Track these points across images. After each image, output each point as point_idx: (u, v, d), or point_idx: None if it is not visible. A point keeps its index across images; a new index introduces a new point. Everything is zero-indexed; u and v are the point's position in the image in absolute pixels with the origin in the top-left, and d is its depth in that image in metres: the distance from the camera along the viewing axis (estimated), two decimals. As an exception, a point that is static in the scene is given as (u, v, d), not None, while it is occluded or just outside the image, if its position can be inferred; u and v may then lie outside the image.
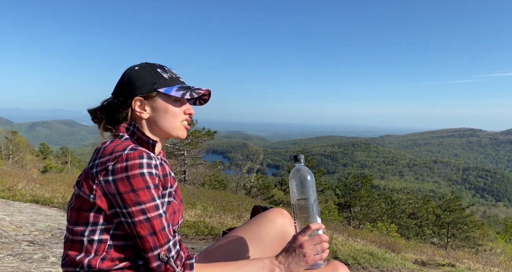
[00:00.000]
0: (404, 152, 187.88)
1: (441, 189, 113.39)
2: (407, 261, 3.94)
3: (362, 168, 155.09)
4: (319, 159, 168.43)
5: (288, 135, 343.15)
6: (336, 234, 4.51)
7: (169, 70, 1.06)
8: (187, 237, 4.07)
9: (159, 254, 0.87)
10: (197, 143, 22.45)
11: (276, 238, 1.17)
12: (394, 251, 4.43)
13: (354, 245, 4.00)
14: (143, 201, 0.85)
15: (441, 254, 5.14)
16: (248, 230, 1.19)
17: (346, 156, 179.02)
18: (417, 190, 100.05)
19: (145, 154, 0.89)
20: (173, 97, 1.02)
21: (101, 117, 1.06)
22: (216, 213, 5.01)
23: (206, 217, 4.63)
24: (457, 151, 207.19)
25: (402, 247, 5.58)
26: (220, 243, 1.18)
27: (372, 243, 4.61)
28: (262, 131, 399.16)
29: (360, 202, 20.69)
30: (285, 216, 1.23)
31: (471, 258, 4.95)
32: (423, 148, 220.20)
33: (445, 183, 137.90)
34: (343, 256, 3.40)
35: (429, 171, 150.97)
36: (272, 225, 1.19)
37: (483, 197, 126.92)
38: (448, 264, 4.20)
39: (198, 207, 5.42)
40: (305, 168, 1.11)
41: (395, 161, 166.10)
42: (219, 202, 6.77)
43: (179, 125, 1.04)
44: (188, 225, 4.31)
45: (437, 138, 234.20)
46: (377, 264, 3.32)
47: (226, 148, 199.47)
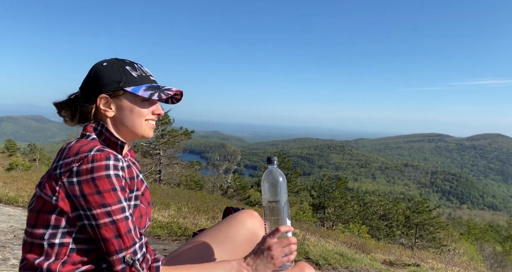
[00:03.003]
0: (377, 155, 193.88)
1: (410, 191, 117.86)
2: (375, 261, 4.07)
3: (337, 170, 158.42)
4: (296, 161, 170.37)
5: (266, 136, 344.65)
6: (309, 235, 4.58)
7: (139, 67, 1.04)
8: (160, 238, 3.99)
9: (124, 257, 0.85)
10: (174, 142, 22.08)
11: (246, 240, 1.18)
12: (363, 251, 4.56)
13: (326, 245, 4.08)
14: (108, 203, 0.83)
15: (408, 254, 5.35)
16: (218, 232, 1.20)
17: (322, 158, 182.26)
18: (388, 193, 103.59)
19: (112, 155, 0.87)
20: (141, 96, 0.99)
21: (67, 111, 1.02)
22: (190, 213, 4.96)
23: (179, 218, 4.57)
24: (426, 155, 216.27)
25: (372, 247, 5.76)
26: (189, 245, 1.18)
27: (343, 244, 4.72)
28: (241, 132, 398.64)
29: (334, 203, 21.12)
30: (256, 218, 1.24)
31: (435, 258, 5.19)
32: (394, 151, 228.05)
33: (415, 186, 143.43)
34: (315, 256, 3.46)
35: (400, 174, 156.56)
36: (242, 227, 1.20)
37: (449, 200, 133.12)
38: (413, 264, 4.38)
39: (172, 208, 5.34)
40: (277, 170, 1.12)
41: (368, 164, 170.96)
42: (193, 202, 6.69)
43: (144, 124, 1.02)
44: (161, 226, 4.23)
45: (408, 143, 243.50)
46: (346, 264, 3.41)
47: (204, 148, 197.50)
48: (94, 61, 1.04)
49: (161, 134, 19.98)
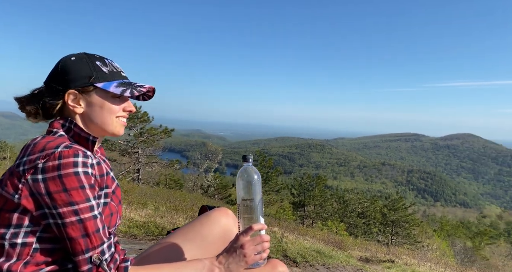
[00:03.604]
0: (355, 154, 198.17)
1: (387, 189, 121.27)
2: (352, 258, 4.16)
3: (317, 169, 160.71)
4: (277, 159, 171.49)
5: (248, 135, 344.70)
6: (287, 233, 4.63)
7: (110, 63, 1.00)
8: (136, 238, 3.92)
9: (91, 257, 0.82)
10: (153, 141, 21.70)
11: (219, 238, 1.18)
12: (340, 248, 4.65)
13: (304, 243, 4.14)
14: (76, 202, 0.80)
15: (383, 251, 5.51)
16: (190, 230, 1.19)
17: (303, 157, 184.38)
18: (366, 191, 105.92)
19: (80, 152, 0.85)
20: (112, 93, 0.96)
21: (30, 107, 0.97)
22: (168, 213, 4.89)
23: (157, 217, 4.50)
24: (402, 154, 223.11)
25: (349, 245, 5.88)
26: (160, 244, 1.16)
27: (321, 241, 4.80)
28: (222, 131, 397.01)
29: (313, 201, 21.42)
30: (229, 216, 1.24)
31: (409, 254, 5.38)
32: (372, 150, 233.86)
33: (392, 184, 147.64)
34: (292, 254, 3.50)
35: (377, 173, 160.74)
36: (215, 225, 1.20)
37: (424, 198, 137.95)
38: (388, 260, 4.51)
39: (149, 207, 5.25)
40: (252, 168, 1.13)
41: (347, 162, 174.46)
42: (172, 201, 6.61)
43: (115, 122, 0.99)
44: (138, 226, 4.15)
45: (386, 142, 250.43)
46: (323, 261, 3.47)
47: (184, 147, 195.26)
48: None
49: (139, 132, 19.59)
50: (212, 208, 1.36)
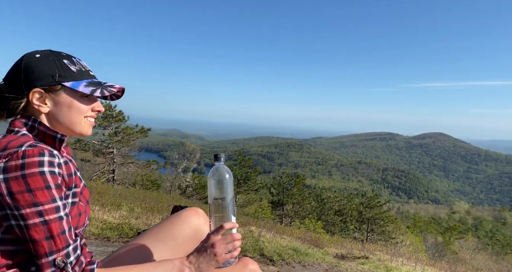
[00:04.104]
0: (333, 153, 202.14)
1: (364, 187, 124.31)
2: (327, 255, 4.24)
3: (295, 168, 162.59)
4: (257, 159, 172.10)
5: (227, 135, 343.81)
6: (265, 232, 4.66)
7: (78, 61, 0.97)
8: (110, 240, 3.81)
9: (54, 259, 0.80)
10: (129, 140, 21.18)
11: (189, 238, 1.17)
12: (317, 246, 4.73)
13: (281, 241, 4.17)
14: (40, 202, 0.77)
15: (358, 247, 5.66)
16: (160, 230, 1.17)
17: (282, 156, 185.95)
18: (343, 189, 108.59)
19: (46, 151, 0.82)
20: (80, 92, 0.94)
21: None
22: (144, 214, 4.79)
23: (131, 219, 4.39)
24: (378, 153, 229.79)
25: (326, 242, 5.99)
26: (129, 246, 1.14)
27: (297, 239, 4.86)
28: (201, 130, 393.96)
29: (292, 200, 21.64)
30: (200, 215, 1.23)
31: (382, 250, 5.55)
32: (349, 149, 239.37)
33: (368, 182, 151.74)
34: (269, 252, 3.53)
35: (354, 171, 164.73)
36: (186, 225, 1.19)
37: (398, 195, 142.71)
38: (363, 257, 4.63)
39: (124, 208, 5.12)
40: (224, 167, 1.13)
41: (325, 161, 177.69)
42: (148, 202, 6.47)
43: (83, 122, 0.96)
44: (111, 228, 4.04)
45: (362, 141, 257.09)
46: (299, 259, 3.52)
47: (162, 147, 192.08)
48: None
49: (114, 132, 19.07)
50: (184, 208, 1.35)
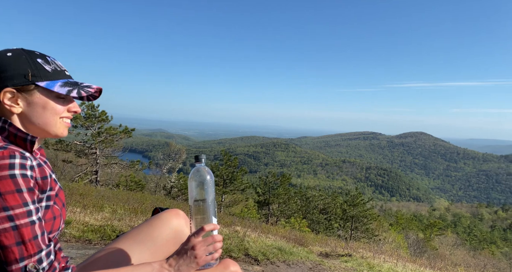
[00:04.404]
0: (318, 152, 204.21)
1: (348, 186, 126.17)
2: (312, 253, 4.28)
3: (281, 167, 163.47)
4: (243, 159, 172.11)
5: (213, 135, 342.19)
6: (250, 231, 4.66)
7: (53, 61, 0.94)
8: (91, 243, 3.72)
9: (26, 266, 0.77)
10: (112, 141, 20.76)
11: (170, 240, 1.16)
12: (301, 245, 4.77)
13: (266, 241, 4.18)
14: (11, 206, 0.75)
15: (342, 245, 5.73)
16: (140, 233, 1.15)
17: (268, 156, 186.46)
18: (328, 187, 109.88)
19: (17, 153, 0.79)
20: (56, 93, 0.91)
21: None
22: (127, 215, 4.71)
23: (114, 220, 4.31)
24: (361, 152, 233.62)
25: (310, 240, 6.04)
26: (106, 249, 1.11)
27: (282, 238, 4.89)
28: (186, 130, 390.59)
29: (278, 199, 21.72)
30: (181, 217, 1.22)
31: (365, 247, 5.65)
32: (334, 149, 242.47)
33: (352, 180, 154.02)
34: (254, 252, 3.53)
35: (338, 170, 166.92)
36: (166, 226, 1.17)
37: (381, 193, 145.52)
38: (346, 254, 4.70)
39: (106, 210, 5.01)
40: (205, 169, 1.12)
41: (310, 160, 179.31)
42: (131, 203, 6.35)
43: (59, 123, 0.93)
44: (93, 230, 3.95)
45: (346, 140, 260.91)
46: (284, 258, 3.54)
47: (146, 147, 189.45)
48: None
49: (97, 132, 18.67)
50: (164, 210, 1.33)
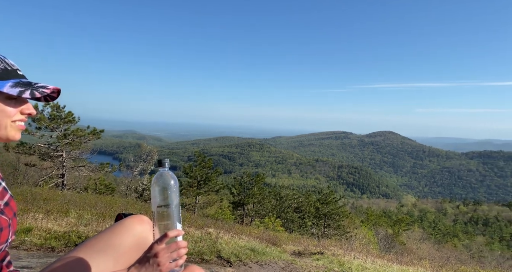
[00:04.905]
0: (292, 152, 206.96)
1: (321, 184, 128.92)
2: (284, 253, 4.32)
3: (256, 167, 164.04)
4: (217, 159, 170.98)
5: (186, 135, 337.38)
6: (223, 233, 4.62)
7: (3, 60, 0.88)
8: (54, 251, 3.53)
9: None
10: (80, 143, 19.89)
11: (132, 247, 1.11)
12: (274, 244, 4.79)
13: (239, 242, 4.17)
14: None
15: (314, 244, 5.83)
16: (101, 241, 1.10)
17: (243, 156, 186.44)
18: (302, 186, 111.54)
19: None
20: (6, 94, 0.85)
21: None
22: (94, 220, 4.51)
23: (80, 226, 4.12)
24: (334, 151, 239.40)
25: (284, 240, 6.09)
26: (65, 259, 1.05)
27: (256, 239, 4.89)
28: (159, 131, 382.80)
29: (252, 199, 21.75)
30: (145, 223, 1.18)
31: (336, 245, 5.78)
32: (307, 148, 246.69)
33: (324, 179, 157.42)
34: (226, 254, 3.50)
35: (312, 169, 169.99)
36: (129, 233, 1.13)
37: (352, 191, 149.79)
38: (318, 253, 4.77)
39: (72, 215, 4.78)
40: (169, 173, 1.09)
41: (285, 160, 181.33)
42: (99, 207, 6.10)
43: (10, 126, 0.87)
44: (57, 237, 3.75)
45: (319, 140, 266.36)
46: (257, 259, 3.54)
47: (117, 149, 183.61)
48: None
49: (63, 134, 17.82)
50: (128, 215, 1.28)
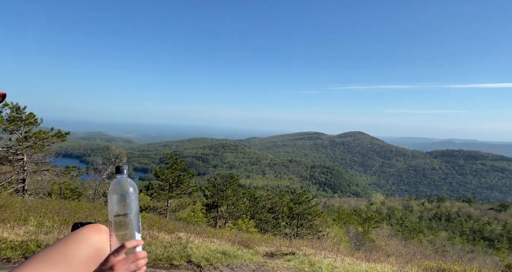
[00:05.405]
0: (266, 152, 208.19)
1: (294, 184, 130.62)
2: (256, 255, 4.31)
3: (231, 169, 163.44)
4: (191, 161, 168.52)
5: (158, 137, 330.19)
6: (194, 237, 4.53)
7: None
8: (10, 261, 3.30)
9: None
10: (42, 146, 18.85)
11: (89, 259, 1.04)
12: (247, 246, 4.77)
13: (210, 246, 4.10)
14: None
15: (286, 244, 5.87)
16: (53, 252, 1.02)
17: (217, 158, 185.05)
18: (276, 187, 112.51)
19: None
20: None
21: None
22: (56, 228, 4.27)
23: (40, 234, 3.88)
24: (306, 151, 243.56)
25: (257, 241, 6.08)
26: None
27: (228, 241, 4.84)
28: (129, 132, 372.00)
29: (226, 201, 21.57)
30: (103, 233, 1.11)
31: (308, 245, 5.85)
32: (281, 149, 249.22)
33: (298, 179, 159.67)
34: (197, 258, 3.43)
35: (285, 170, 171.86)
36: (85, 244, 1.06)
37: (324, 190, 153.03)
38: (290, 253, 4.81)
39: (31, 223, 4.49)
40: (127, 180, 1.05)
41: (259, 161, 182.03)
42: (63, 214, 5.77)
43: None
44: (13, 247, 3.51)
45: (292, 140, 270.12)
46: (228, 262, 3.50)
47: (84, 151, 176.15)
48: None
49: (24, 136, 16.80)
50: (85, 225, 1.21)
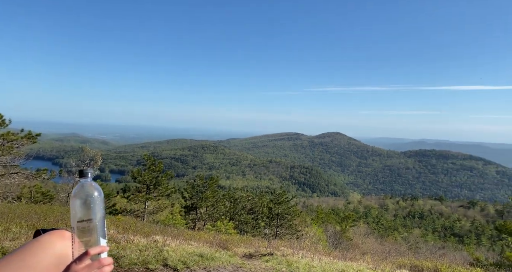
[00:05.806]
0: (246, 153, 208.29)
1: (274, 185, 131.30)
2: (234, 256, 4.28)
3: (210, 170, 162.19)
4: (169, 163, 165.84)
5: (135, 138, 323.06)
6: (170, 240, 4.45)
7: None
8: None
9: None
10: (11, 147, 17.97)
11: (53, 267, 0.99)
12: (225, 248, 4.74)
13: (187, 248, 4.04)
14: None
15: (265, 245, 5.87)
16: (14, 260, 0.96)
17: (196, 159, 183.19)
18: (256, 187, 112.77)
19: None
20: None
21: None
22: (24, 234, 4.07)
23: (6, 241, 3.68)
24: (286, 152, 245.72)
25: (235, 242, 6.06)
26: None
27: (206, 243, 4.79)
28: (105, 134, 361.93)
29: (206, 203, 21.36)
30: (67, 239, 1.06)
31: (286, 245, 5.89)
32: (261, 149, 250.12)
33: (278, 179, 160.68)
34: (173, 262, 3.37)
35: (265, 170, 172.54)
36: (47, 251, 1.01)
37: (304, 190, 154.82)
38: (268, 254, 4.82)
39: (-4, 230, 4.25)
40: (91, 184, 1.00)
41: (239, 162, 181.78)
42: (32, 219, 5.50)
43: None
44: (-24, 256, 3.32)
45: (272, 141, 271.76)
46: (205, 264, 3.45)
47: (57, 153, 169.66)
48: None
49: (-10, 137, 15.95)
50: (48, 231, 1.15)
